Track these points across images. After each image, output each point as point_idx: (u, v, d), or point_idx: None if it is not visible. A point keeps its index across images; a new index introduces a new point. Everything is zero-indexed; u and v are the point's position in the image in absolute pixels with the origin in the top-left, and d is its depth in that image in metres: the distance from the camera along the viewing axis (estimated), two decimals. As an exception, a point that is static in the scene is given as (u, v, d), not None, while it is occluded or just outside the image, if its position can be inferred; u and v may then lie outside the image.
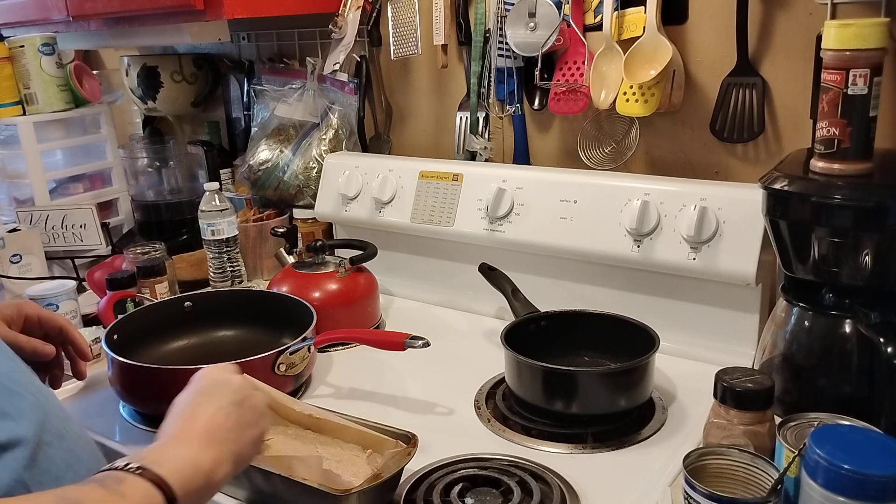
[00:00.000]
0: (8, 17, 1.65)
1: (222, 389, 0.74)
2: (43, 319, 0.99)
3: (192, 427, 0.69)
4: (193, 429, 0.69)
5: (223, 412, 0.71)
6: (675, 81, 1.18)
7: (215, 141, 1.87)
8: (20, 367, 0.72)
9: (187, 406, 0.72)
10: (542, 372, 0.97)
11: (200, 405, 0.72)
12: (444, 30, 1.41)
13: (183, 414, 0.71)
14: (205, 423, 0.69)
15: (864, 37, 0.82)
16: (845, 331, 0.89)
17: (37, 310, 1.00)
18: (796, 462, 0.68)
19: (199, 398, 0.73)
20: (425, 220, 1.37)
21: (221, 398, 0.73)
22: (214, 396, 0.72)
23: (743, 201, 1.07)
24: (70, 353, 1.03)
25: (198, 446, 0.67)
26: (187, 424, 0.70)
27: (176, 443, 0.67)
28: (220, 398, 0.72)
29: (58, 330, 1.00)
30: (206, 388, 0.74)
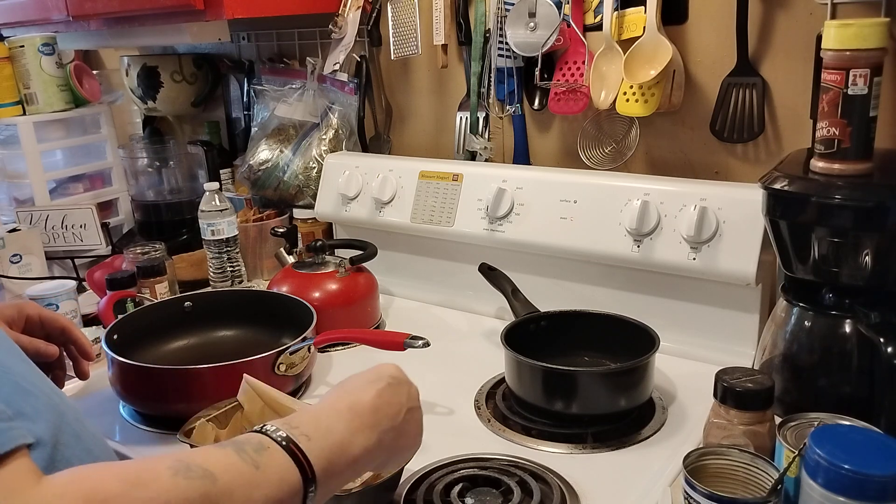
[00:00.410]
0: (8, 17, 1.65)
1: (400, 387, 0.71)
2: (45, 320, 0.99)
3: (361, 401, 0.67)
4: (361, 404, 0.66)
5: (394, 405, 0.69)
6: (675, 81, 1.18)
7: (215, 141, 1.87)
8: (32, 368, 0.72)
9: (359, 380, 0.70)
10: (542, 372, 0.97)
11: (375, 386, 0.69)
12: (444, 30, 1.41)
13: (353, 385, 0.69)
14: (374, 404, 0.67)
15: (864, 37, 0.82)
16: (845, 331, 0.89)
17: (38, 310, 0.99)
18: (796, 462, 0.68)
19: (374, 380, 0.70)
20: (425, 220, 1.37)
21: (397, 393, 0.70)
22: (391, 387, 0.70)
23: (743, 201, 1.07)
24: (72, 353, 1.02)
25: (358, 425, 0.64)
26: (356, 397, 0.67)
27: (337, 413, 0.65)
28: (396, 392, 0.70)
29: (60, 330, 1.00)
30: (384, 376, 0.71)
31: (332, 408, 0.66)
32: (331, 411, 0.65)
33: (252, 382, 0.90)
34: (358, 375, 0.72)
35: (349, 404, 0.66)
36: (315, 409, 0.66)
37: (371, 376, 0.71)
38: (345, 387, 0.70)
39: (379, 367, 0.73)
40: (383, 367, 0.73)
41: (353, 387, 0.70)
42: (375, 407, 0.67)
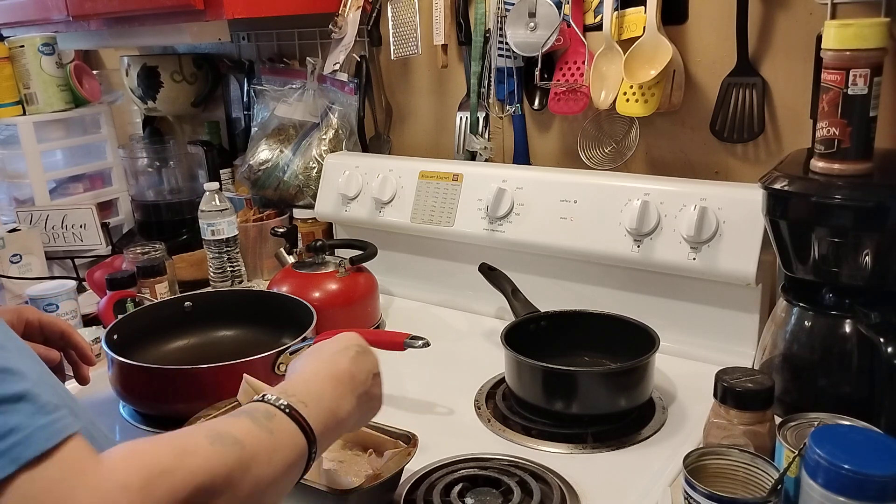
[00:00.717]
0: (8, 17, 1.65)
1: (366, 355, 0.78)
2: (44, 324, 0.97)
3: (336, 368, 0.73)
4: (337, 369, 0.73)
5: (365, 371, 0.76)
6: (675, 81, 1.18)
7: (215, 141, 1.87)
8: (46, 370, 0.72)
9: (332, 351, 0.76)
10: (542, 372, 0.97)
11: (346, 354, 0.75)
12: (444, 30, 1.41)
13: (327, 354, 0.76)
14: (350, 371, 0.73)
15: (864, 37, 0.82)
16: (845, 331, 0.89)
17: (37, 314, 0.98)
18: (796, 462, 0.68)
19: (344, 350, 0.76)
20: (425, 220, 1.37)
21: (364, 360, 0.77)
22: (360, 355, 0.77)
23: (743, 201, 1.07)
24: (72, 357, 1.01)
25: (340, 392, 0.71)
26: (331, 364, 0.74)
27: (323, 381, 0.71)
28: (363, 359, 0.77)
29: (59, 334, 0.99)
30: (353, 347, 0.77)
31: (317, 376, 0.72)
32: (317, 379, 0.71)
33: (252, 382, 0.90)
34: (326, 343, 0.78)
35: (330, 372, 0.72)
36: (302, 378, 0.71)
37: (340, 345, 0.77)
38: (320, 355, 0.76)
39: (343, 335, 0.80)
40: (348, 337, 0.80)
41: (327, 355, 0.76)
42: (352, 374, 0.73)
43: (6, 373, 0.51)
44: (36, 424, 0.50)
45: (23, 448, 0.48)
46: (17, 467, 0.47)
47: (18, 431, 0.49)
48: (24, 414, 0.50)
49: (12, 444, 0.48)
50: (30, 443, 0.49)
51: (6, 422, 0.49)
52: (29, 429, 0.49)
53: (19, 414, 0.49)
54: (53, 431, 0.50)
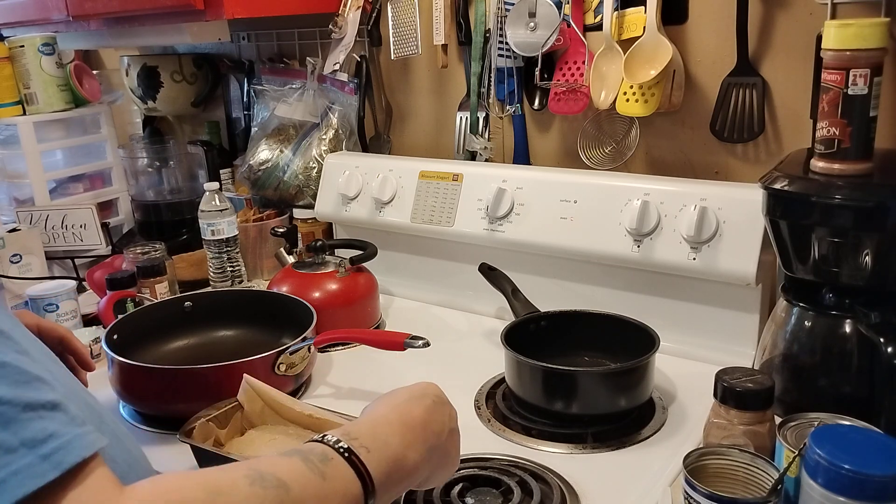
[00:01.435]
0: (8, 17, 1.65)
1: (444, 407, 0.71)
2: (43, 329, 0.97)
3: (413, 417, 0.67)
4: (414, 419, 0.67)
5: (440, 423, 0.69)
6: (675, 81, 1.18)
7: (215, 141, 1.87)
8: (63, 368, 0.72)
9: (408, 398, 0.70)
10: (542, 372, 0.97)
11: (422, 403, 0.69)
12: (444, 30, 1.41)
13: (400, 399, 0.69)
14: (424, 420, 0.67)
15: (864, 37, 0.82)
16: (845, 331, 0.89)
17: (36, 320, 0.98)
18: (796, 462, 0.68)
19: (422, 399, 0.70)
20: (425, 220, 1.37)
21: (441, 411, 0.70)
22: (436, 406, 0.70)
23: (743, 201, 1.07)
24: (71, 362, 1.01)
25: (411, 440, 0.65)
26: (403, 410, 0.67)
27: (392, 426, 0.65)
28: (440, 411, 0.70)
29: (58, 340, 0.98)
30: (430, 396, 0.71)
31: (386, 420, 0.66)
32: (385, 424, 0.65)
33: (252, 382, 0.90)
34: (403, 390, 0.72)
35: (401, 418, 0.66)
36: (370, 421, 0.66)
37: (416, 392, 0.71)
38: (393, 400, 0.70)
39: (422, 384, 0.74)
40: (427, 386, 0.73)
41: (401, 400, 0.70)
42: (425, 422, 0.67)
43: (39, 381, 0.50)
44: (73, 433, 0.48)
45: (65, 453, 0.47)
46: (60, 473, 0.46)
47: (58, 437, 0.47)
48: (59, 421, 0.48)
49: (54, 448, 0.47)
50: (70, 448, 0.47)
51: (45, 427, 0.47)
52: (67, 435, 0.48)
53: (56, 421, 0.48)
54: (89, 442, 0.49)
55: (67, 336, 1.00)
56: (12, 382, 0.48)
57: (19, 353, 0.50)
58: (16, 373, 0.49)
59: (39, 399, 0.48)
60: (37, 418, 0.47)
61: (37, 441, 0.46)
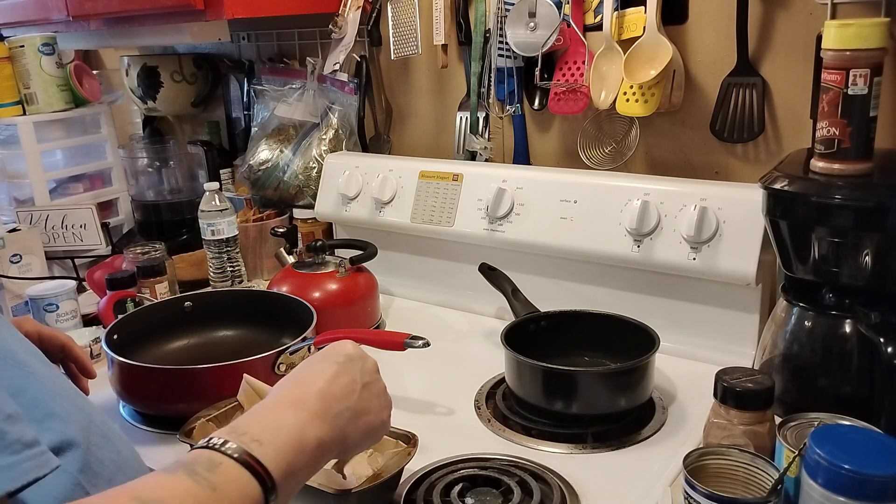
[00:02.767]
0: (8, 17, 1.65)
1: (352, 364, 0.68)
2: (44, 337, 0.96)
3: (306, 391, 0.63)
4: (307, 393, 0.63)
5: (345, 385, 0.65)
6: (675, 81, 1.18)
7: (215, 141, 1.87)
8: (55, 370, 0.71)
9: (308, 367, 0.67)
10: (542, 372, 0.97)
11: (323, 370, 0.66)
12: (444, 30, 1.41)
13: (301, 374, 0.66)
14: (321, 390, 0.64)
15: (864, 37, 0.82)
16: (845, 331, 0.89)
17: (37, 326, 0.97)
18: (796, 462, 0.68)
19: (323, 363, 0.67)
20: (425, 220, 1.37)
21: (348, 371, 0.67)
22: (341, 367, 0.67)
23: (743, 201, 1.07)
24: (72, 369, 1.00)
25: (306, 416, 0.61)
26: (301, 387, 0.64)
27: (283, 408, 0.61)
28: (346, 371, 0.67)
29: (59, 347, 0.98)
30: (334, 357, 0.68)
31: (278, 404, 0.62)
32: (276, 408, 0.62)
33: (252, 382, 0.90)
34: (308, 361, 0.69)
35: (294, 397, 0.63)
36: (261, 409, 0.62)
37: (319, 359, 0.69)
38: (292, 377, 0.67)
39: (330, 346, 0.71)
40: (335, 346, 0.71)
41: (300, 377, 0.67)
42: (322, 392, 0.64)
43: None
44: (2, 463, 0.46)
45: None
46: None
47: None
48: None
49: None
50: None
51: None
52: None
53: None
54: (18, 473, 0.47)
55: (69, 343, 0.99)
56: None
57: None
58: None
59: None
60: None
61: None
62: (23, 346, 0.67)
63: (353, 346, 0.72)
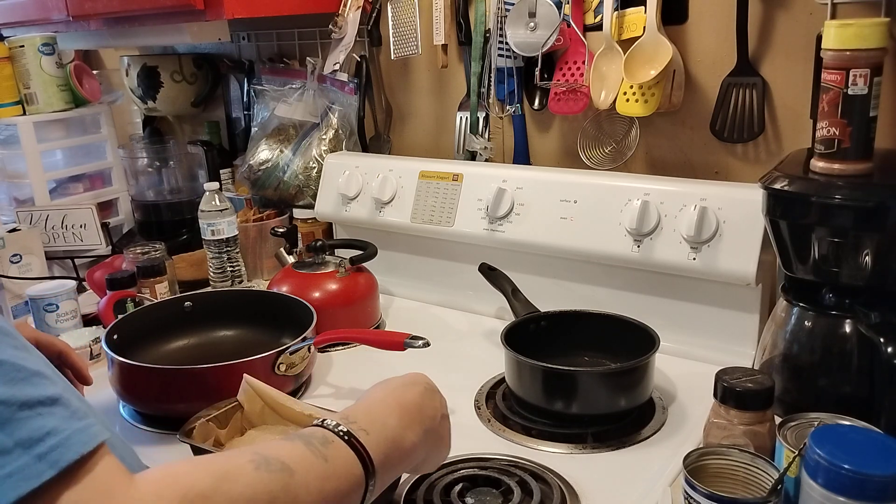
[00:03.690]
0: (8, 17, 1.65)
1: (434, 395, 0.75)
2: (41, 343, 0.96)
3: (409, 400, 0.70)
4: (405, 399, 0.70)
5: (433, 409, 0.73)
6: (675, 81, 1.18)
7: (215, 141, 1.87)
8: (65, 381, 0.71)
9: (401, 383, 0.73)
10: (542, 372, 0.97)
11: (415, 389, 0.73)
12: (444, 30, 1.41)
13: (395, 385, 0.73)
14: (420, 404, 0.70)
15: (864, 37, 0.82)
16: (845, 331, 0.89)
17: (34, 334, 0.97)
18: (796, 462, 0.68)
19: (414, 384, 0.74)
20: (425, 220, 1.37)
21: (433, 399, 0.74)
22: (427, 393, 0.74)
23: (743, 201, 1.07)
24: (69, 376, 1.00)
25: (406, 422, 0.67)
26: (398, 394, 0.71)
27: (390, 408, 0.68)
28: (432, 398, 0.74)
29: (56, 354, 0.98)
30: (421, 382, 0.74)
31: (383, 403, 0.69)
32: (382, 406, 0.68)
33: (252, 382, 0.90)
34: (395, 378, 0.75)
35: (397, 401, 0.69)
36: (367, 404, 0.68)
37: (409, 379, 0.75)
38: (387, 385, 0.73)
39: (413, 373, 0.77)
40: (417, 375, 0.77)
41: (395, 385, 0.73)
42: (420, 406, 0.71)
43: (38, 376, 0.49)
44: (73, 428, 0.48)
45: (63, 451, 0.47)
46: (57, 471, 0.46)
47: (56, 434, 0.47)
48: (59, 417, 0.48)
49: (51, 446, 0.47)
50: (69, 445, 0.47)
51: (43, 424, 0.47)
52: (66, 432, 0.48)
53: (55, 417, 0.48)
54: (90, 436, 0.49)
55: (66, 350, 0.99)
56: (8, 381, 0.48)
57: (17, 348, 0.50)
58: (12, 370, 0.48)
59: (37, 395, 0.48)
60: (34, 416, 0.47)
61: (33, 440, 0.46)
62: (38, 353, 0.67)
63: (431, 380, 0.77)
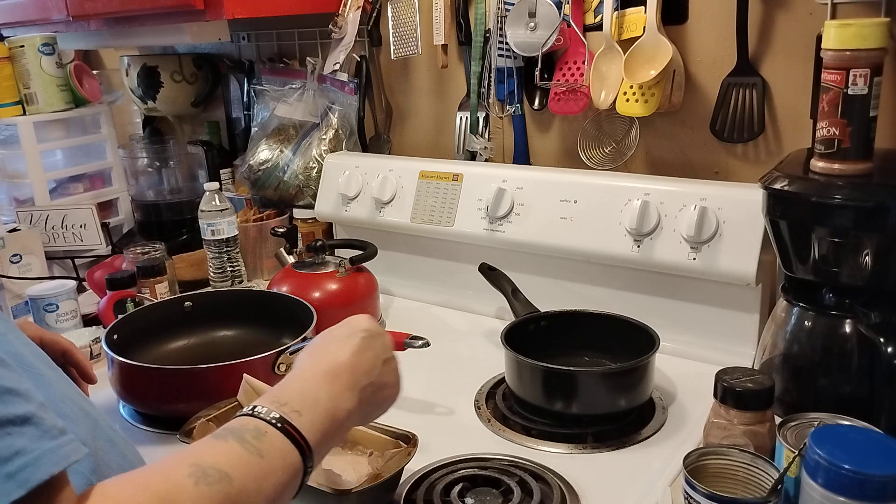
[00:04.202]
0: (8, 17, 1.65)
1: (373, 339, 0.72)
2: (45, 341, 0.96)
3: (338, 363, 0.68)
4: (339, 365, 0.68)
5: (369, 359, 0.70)
6: (675, 81, 1.18)
7: (215, 141, 1.87)
8: (60, 374, 0.71)
9: (333, 340, 0.71)
10: (542, 372, 0.97)
11: (349, 343, 0.70)
12: (444, 30, 1.41)
13: (328, 346, 0.70)
14: (351, 363, 0.68)
15: (864, 37, 0.82)
16: (845, 331, 0.89)
17: (38, 332, 0.97)
18: (796, 462, 0.68)
19: (348, 337, 0.71)
20: (425, 220, 1.37)
21: (371, 346, 0.71)
22: (364, 341, 0.71)
23: (743, 201, 1.07)
24: (73, 374, 0.99)
25: (340, 388, 0.66)
26: (333, 359, 0.68)
27: (319, 380, 0.66)
28: (369, 345, 0.71)
29: (61, 352, 0.97)
30: (357, 331, 0.72)
31: (313, 375, 0.67)
32: (312, 380, 0.66)
33: (252, 382, 0.90)
34: (330, 332, 0.73)
35: (327, 368, 0.67)
36: (297, 379, 0.66)
37: (344, 332, 0.72)
38: (319, 348, 0.71)
39: (350, 321, 0.74)
40: (355, 321, 0.74)
41: (327, 347, 0.70)
42: (352, 366, 0.68)
43: (10, 393, 0.49)
44: (42, 448, 0.48)
45: (32, 471, 0.46)
46: (26, 491, 0.46)
47: (25, 454, 0.47)
48: (28, 437, 0.48)
49: (20, 466, 0.46)
50: (38, 466, 0.47)
51: (12, 444, 0.47)
52: (35, 452, 0.47)
53: (24, 437, 0.48)
54: (60, 456, 0.48)
55: (70, 349, 0.99)
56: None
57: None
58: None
59: (7, 414, 0.48)
60: (3, 435, 0.47)
61: (2, 459, 0.46)
62: (30, 350, 0.67)
63: (371, 321, 0.75)
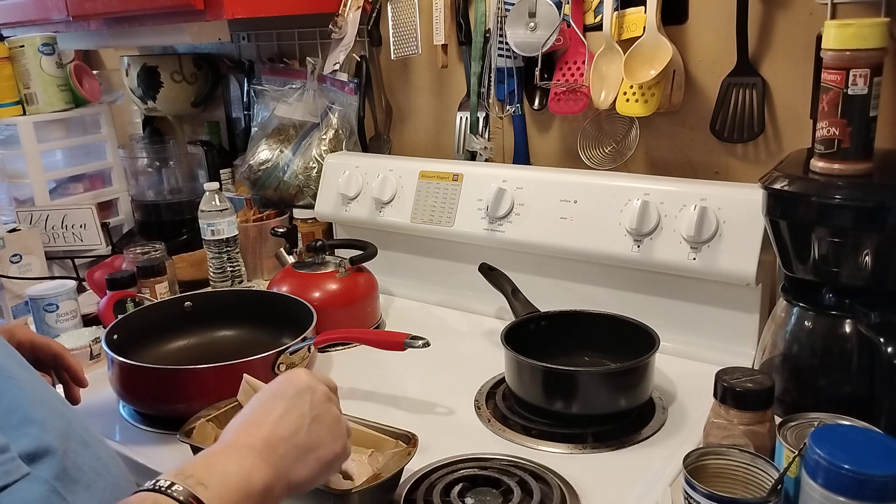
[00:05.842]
0: (8, 17, 1.65)
1: (300, 398, 0.68)
2: (37, 345, 0.96)
3: (253, 434, 0.64)
4: (254, 437, 0.64)
5: (292, 423, 0.66)
6: (675, 81, 1.18)
7: (215, 141, 1.87)
8: (35, 376, 0.71)
9: (258, 406, 0.68)
10: (542, 372, 0.97)
11: (271, 409, 0.67)
12: (444, 30, 1.41)
13: (249, 416, 0.67)
14: (267, 433, 0.65)
15: (864, 37, 0.82)
16: (845, 331, 0.89)
17: (30, 335, 0.97)
18: (796, 462, 0.68)
19: (272, 401, 0.68)
20: (425, 220, 1.37)
21: (297, 407, 0.67)
22: (290, 402, 0.67)
23: (743, 201, 1.07)
24: (64, 377, 0.99)
25: (253, 461, 0.62)
26: (249, 430, 0.65)
27: (229, 452, 0.63)
28: (295, 406, 0.67)
29: (52, 356, 0.97)
30: (284, 392, 0.69)
31: (226, 448, 0.64)
32: (223, 453, 0.63)
33: (252, 382, 0.90)
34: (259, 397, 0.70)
35: (242, 441, 0.64)
36: (209, 453, 0.64)
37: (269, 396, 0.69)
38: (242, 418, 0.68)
39: (283, 378, 0.71)
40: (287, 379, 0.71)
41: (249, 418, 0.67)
42: (268, 436, 0.65)
43: None
44: None
45: None
46: None
47: None
48: None
49: None
50: None
51: None
52: None
53: None
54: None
55: (62, 353, 0.99)
56: None
57: None
58: None
59: None
60: None
61: None
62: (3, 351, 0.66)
63: (306, 376, 0.71)
